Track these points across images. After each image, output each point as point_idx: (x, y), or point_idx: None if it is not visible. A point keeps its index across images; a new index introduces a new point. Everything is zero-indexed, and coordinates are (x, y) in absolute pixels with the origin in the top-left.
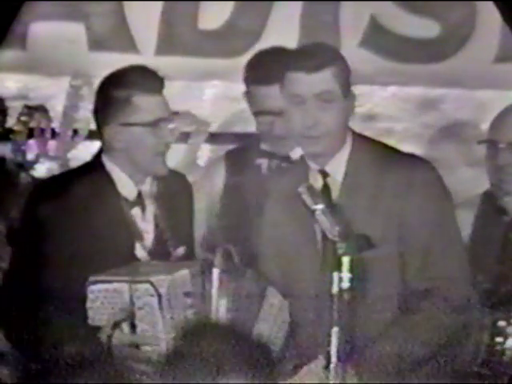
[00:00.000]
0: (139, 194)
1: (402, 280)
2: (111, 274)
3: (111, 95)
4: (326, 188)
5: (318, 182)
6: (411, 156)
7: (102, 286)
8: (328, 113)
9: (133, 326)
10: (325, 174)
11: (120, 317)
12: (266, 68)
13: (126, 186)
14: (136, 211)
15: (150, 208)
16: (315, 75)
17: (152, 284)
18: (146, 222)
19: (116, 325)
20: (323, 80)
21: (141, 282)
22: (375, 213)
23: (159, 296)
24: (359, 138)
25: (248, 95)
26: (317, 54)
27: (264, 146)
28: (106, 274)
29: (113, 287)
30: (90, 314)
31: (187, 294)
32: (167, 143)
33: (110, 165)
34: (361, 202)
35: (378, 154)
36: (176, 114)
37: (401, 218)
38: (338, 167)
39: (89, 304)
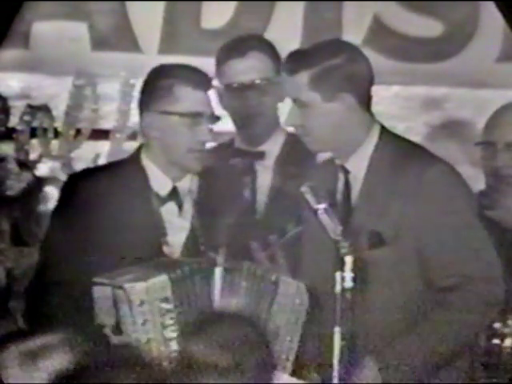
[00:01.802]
0: (174, 190)
1: (424, 277)
2: (107, 277)
3: (154, 83)
4: (347, 185)
5: (340, 180)
6: (430, 155)
7: (98, 288)
8: (307, 117)
9: (120, 329)
10: (346, 171)
11: (108, 320)
12: (237, 43)
13: (158, 180)
14: (170, 207)
15: (188, 205)
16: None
17: (124, 291)
18: (182, 218)
19: (112, 326)
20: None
21: (118, 287)
22: (392, 210)
23: (130, 302)
24: (387, 134)
25: (219, 74)
26: (296, 56)
27: (238, 144)
28: (105, 277)
29: (102, 291)
30: (96, 313)
31: (165, 300)
32: (204, 142)
33: (145, 160)
34: (379, 198)
35: (401, 151)
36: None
37: (417, 217)
38: (359, 164)
39: (94, 304)
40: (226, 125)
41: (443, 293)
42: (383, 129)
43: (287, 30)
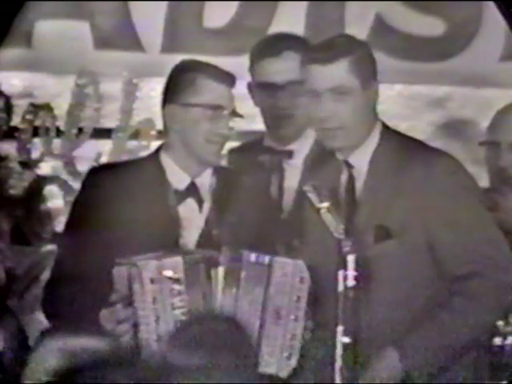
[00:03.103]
0: (193, 186)
1: (438, 268)
2: (126, 258)
3: (177, 77)
4: (350, 179)
5: (343, 174)
6: (435, 149)
7: (117, 268)
8: (344, 105)
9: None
10: (349, 166)
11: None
12: (273, 42)
13: (176, 176)
14: (190, 203)
15: (208, 201)
16: (330, 67)
17: (137, 267)
18: (201, 215)
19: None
20: (337, 72)
21: (132, 265)
22: (397, 205)
23: (141, 279)
24: (389, 131)
25: (252, 71)
26: (333, 45)
27: (267, 143)
28: (125, 258)
29: (119, 271)
30: (113, 294)
31: (177, 281)
32: (223, 135)
33: (164, 157)
34: (383, 193)
35: (404, 146)
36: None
37: (426, 210)
38: (362, 159)
39: (113, 285)
40: (256, 124)
41: (461, 281)
42: (384, 125)
43: (290, 30)
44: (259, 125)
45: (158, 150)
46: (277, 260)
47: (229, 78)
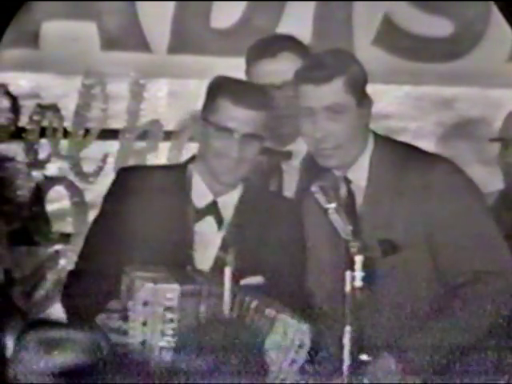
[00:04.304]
0: (214, 204)
1: (438, 275)
2: (133, 267)
3: (207, 92)
4: (350, 194)
5: (342, 189)
6: (431, 154)
7: (123, 276)
8: (339, 124)
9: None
10: (348, 181)
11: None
12: (268, 43)
13: (199, 193)
14: (208, 221)
15: (228, 220)
16: (324, 87)
17: (134, 284)
18: (220, 233)
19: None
20: (333, 91)
21: (132, 279)
22: (398, 215)
23: (136, 298)
24: (381, 139)
25: (249, 74)
26: (326, 64)
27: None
28: (132, 267)
29: (124, 280)
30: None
31: (169, 309)
32: (228, 154)
33: (191, 170)
34: (384, 205)
35: (398, 154)
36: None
37: (426, 218)
38: (360, 173)
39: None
40: None
41: (461, 286)
42: (376, 134)
43: (297, 30)
44: None
45: (189, 160)
46: (280, 318)
47: (253, 100)
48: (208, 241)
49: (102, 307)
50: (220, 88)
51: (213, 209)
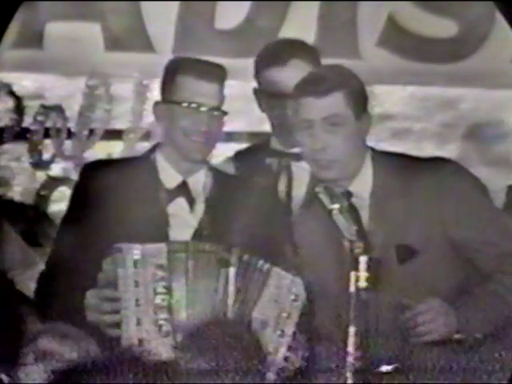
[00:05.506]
0: (184, 185)
1: (467, 269)
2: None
3: (164, 75)
4: (351, 209)
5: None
6: (434, 158)
7: (105, 260)
8: (337, 136)
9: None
10: (349, 195)
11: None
12: (278, 50)
13: (168, 174)
14: (180, 202)
15: (200, 202)
16: (324, 99)
17: (121, 251)
18: (193, 215)
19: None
20: (332, 103)
21: (117, 250)
22: (412, 222)
23: (125, 262)
24: (379, 155)
25: (258, 78)
26: (327, 77)
27: (274, 145)
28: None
29: (106, 261)
30: (98, 286)
31: (160, 267)
32: (199, 130)
33: (158, 156)
34: (394, 212)
35: (401, 165)
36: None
37: (442, 222)
38: (363, 187)
39: (100, 277)
40: (266, 125)
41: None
42: (373, 150)
43: (302, 31)
44: (268, 126)
45: (153, 149)
46: (275, 270)
47: (214, 73)
48: (182, 222)
49: (81, 304)
50: (179, 67)
51: (183, 189)
